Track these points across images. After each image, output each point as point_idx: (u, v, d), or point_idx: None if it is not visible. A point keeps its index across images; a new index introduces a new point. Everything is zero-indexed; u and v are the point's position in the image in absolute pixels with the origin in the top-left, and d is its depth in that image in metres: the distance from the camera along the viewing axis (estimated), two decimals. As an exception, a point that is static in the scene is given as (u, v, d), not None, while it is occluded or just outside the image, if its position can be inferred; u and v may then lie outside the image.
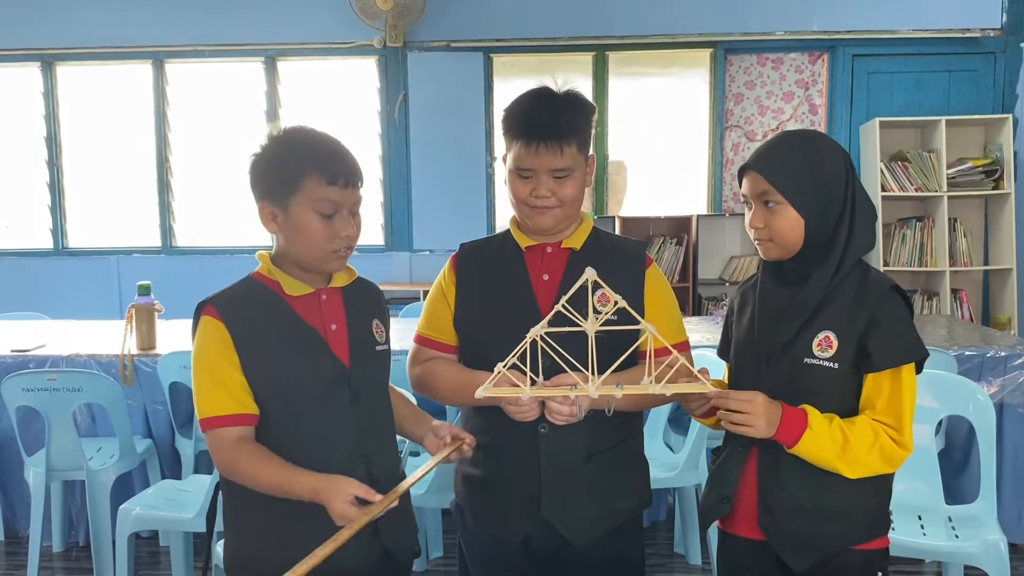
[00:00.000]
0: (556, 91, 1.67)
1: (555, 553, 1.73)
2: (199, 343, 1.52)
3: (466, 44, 5.69)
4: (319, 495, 1.40)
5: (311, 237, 1.51)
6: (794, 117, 5.77)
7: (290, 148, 1.52)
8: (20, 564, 3.27)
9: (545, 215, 1.67)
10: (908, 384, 1.52)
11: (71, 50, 5.86)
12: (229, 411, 1.49)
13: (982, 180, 5.26)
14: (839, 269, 1.54)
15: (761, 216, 1.57)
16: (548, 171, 1.63)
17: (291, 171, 1.49)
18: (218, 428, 1.49)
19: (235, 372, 1.49)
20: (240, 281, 1.59)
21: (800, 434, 1.49)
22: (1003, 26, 5.48)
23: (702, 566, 3.23)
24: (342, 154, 1.54)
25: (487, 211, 5.79)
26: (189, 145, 6.01)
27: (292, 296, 1.55)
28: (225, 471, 1.52)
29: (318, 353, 1.55)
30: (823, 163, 1.55)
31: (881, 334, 1.50)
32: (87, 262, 6.00)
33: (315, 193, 1.49)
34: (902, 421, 1.51)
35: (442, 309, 1.80)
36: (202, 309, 1.54)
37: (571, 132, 1.62)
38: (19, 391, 2.90)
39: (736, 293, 1.77)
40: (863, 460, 1.50)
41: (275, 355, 1.51)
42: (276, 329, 1.53)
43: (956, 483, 3.16)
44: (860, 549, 1.58)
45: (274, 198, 1.51)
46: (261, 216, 1.54)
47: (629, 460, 1.78)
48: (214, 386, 1.49)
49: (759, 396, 1.50)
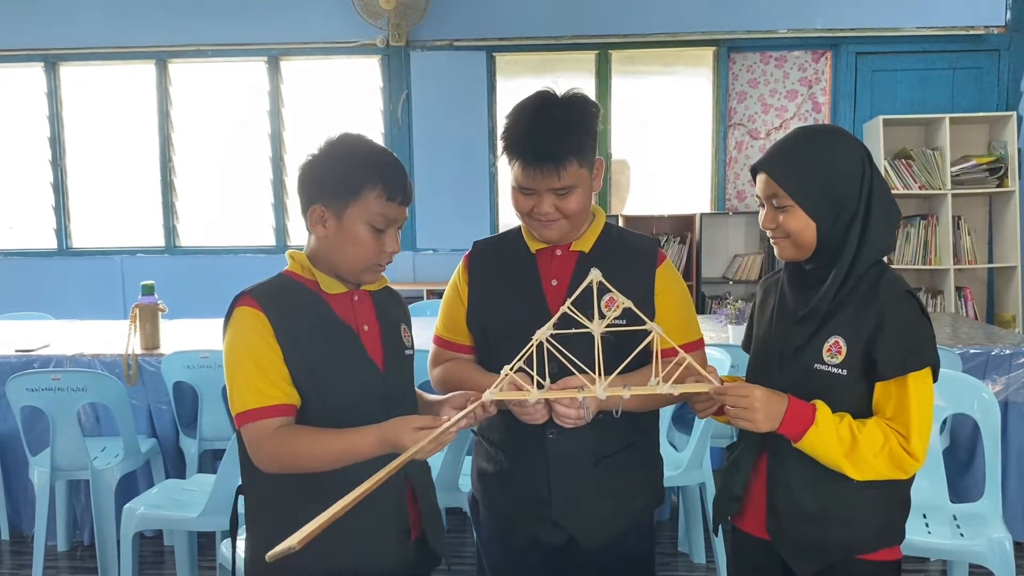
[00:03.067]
0: (557, 98, 1.63)
1: (566, 549, 1.73)
2: (238, 333, 1.49)
3: (469, 43, 5.68)
4: (386, 440, 1.39)
5: (359, 247, 1.51)
6: (797, 115, 5.76)
7: (355, 157, 1.52)
8: (25, 564, 3.28)
9: (550, 228, 1.66)
10: (917, 392, 1.46)
11: (74, 50, 5.87)
12: (272, 401, 1.45)
13: (986, 178, 5.25)
14: (851, 271, 1.49)
15: (773, 217, 1.55)
16: (549, 190, 1.61)
17: (354, 181, 1.49)
18: (260, 420, 1.44)
19: (279, 361, 1.47)
20: (273, 277, 1.57)
21: (805, 430, 1.45)
22: (1007, 23, 5.47)
23: (706, 564, 3.22)
24: (402, 171, 1.54)
25: (490, 210, 5.78)
26: (192, 145, 6.01)
27: (329, 294, 1.55)
28: (272, 462, 1.46)
29: (355, 352, 1.55)
30: (835, 162, 1.50)
31: (886, 340, 1.45)
32: (91, 262, 6.01)
33: (373, 206, 1.49)
34: (910, 429, 1.45)
35: (457, 309, 1.81)
36: (238, 300, 1.51)
37: (570, 152, 1.58)
38: (23, 391, 2.90)
39: (760, 287, 1.74)
40: (870, 462, 1.45)
41: (314, 350, 1.49)
42: (315, 324, 1.51)
43: (961, 481, 3.16)
44: (870, 560, 1.54)
45: (330, 203, 1.50)
46: (310, 218, 1.52)
47: (640, 460, 1.77)
48: (258, 375, 1.45)
49: (756, 390, 1.45)
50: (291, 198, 5.94)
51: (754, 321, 1.73)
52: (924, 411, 1.47)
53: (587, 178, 1.64)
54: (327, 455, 1.43)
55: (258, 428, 1.44)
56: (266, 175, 5.93)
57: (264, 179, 5.93)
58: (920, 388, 1.47)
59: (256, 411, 1.44)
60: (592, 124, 1.65)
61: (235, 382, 1.47)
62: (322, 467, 1.44)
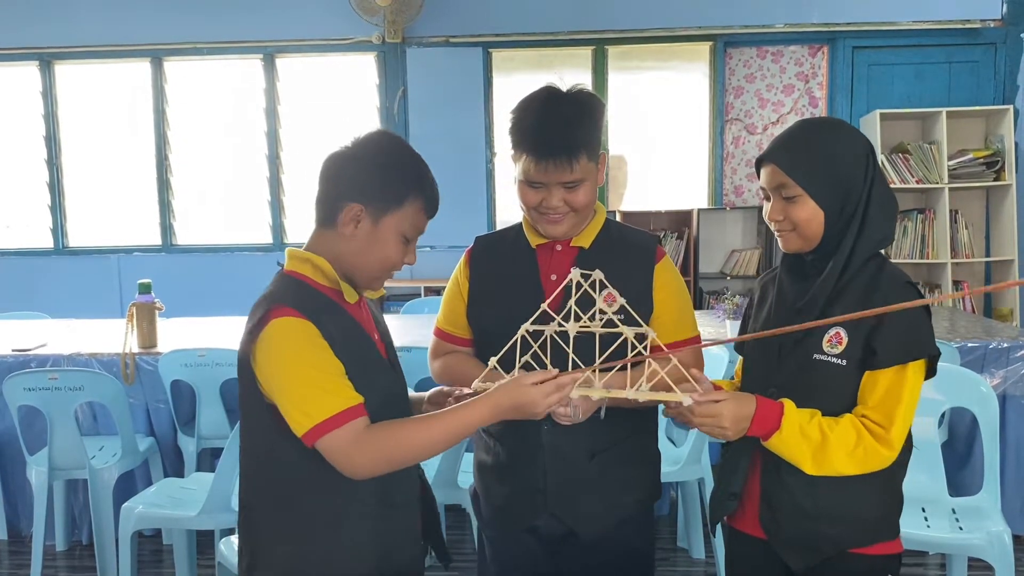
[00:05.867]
0: (564, 94, 1.63)
1: (564, 541, 1.74)
2: (288, 345, 1.37)
3: (465, 39, 5.68)
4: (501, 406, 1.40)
5: (385, 255, 1.48)
6: (794, 110, 5.75)
7: (402, 164, 1.48)
8: (24, 563, 3.27)
9: (558, 223, 1.67)
10: (912, 384, 1.46)
11: (69, 49, 5.85)
12: (351, 402, 1.37)
13: (983, 171, 5.26)
14: (850, 261, 1.50)
15: (780, 208, 1.54)
16: (559, 183, 1.61)
17: (400, 189, 1.46)
18: (345, 424, 1.36)
19: (341, 367, 1.40)
20: (288, 284, 1.46)
21: (771, 434, 1.46)
22: (1003, 16, 5.47)
23: (705, 560, 3.22)
24: (437, 186, 1.52)
25: (487, 206, 5.77)
26: (189, 143, 6.00)
27: (348, 303, 1.50)
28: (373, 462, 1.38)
29: (378, 359, 1.53)
30: (843, 153, 1.51)
31: (888, 329, 1.45)
32: (87, 261, 6.00)
33: (412, 218, 1.47)
34: (893, 419, 1.45)
35: (457, 303, 1.82)
36: (273, 312, 1.39)
37: (582, 145, 1.59)
38: (21, 390, 2.90)
39: (757, 285, 1.74)
40: (835, 464, 1.45)
41: (348, 359, 1.42)
42: (346, 333, 1.45)
43: (960, 475, 3.16)
44: (867, 554, 1.54)
45: (372, 205, 1.45)
46: (345, 215, 1.45)
47: (636, 456, 1.77)
48: (328, 381, 1.37)
49: (724, 406, 1.43)
50: (288, 196, 5.94)
51: (750, 319, 1.73)
52: (912, 403, 1.48)
53: (595, 172, 1.66)
54: (442, 436, 1.39)
55: (346, 433, 1.36)
56: (263, 173, 5.91)
57: (261, 177, 5.92)
58: (914, 379, 1.47)
59: (338, 416, 1.35)
60: (599, 119, 1.66)
61: (301, 395, 1.36)
62: (431, 454, 1.43)
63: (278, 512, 1.47)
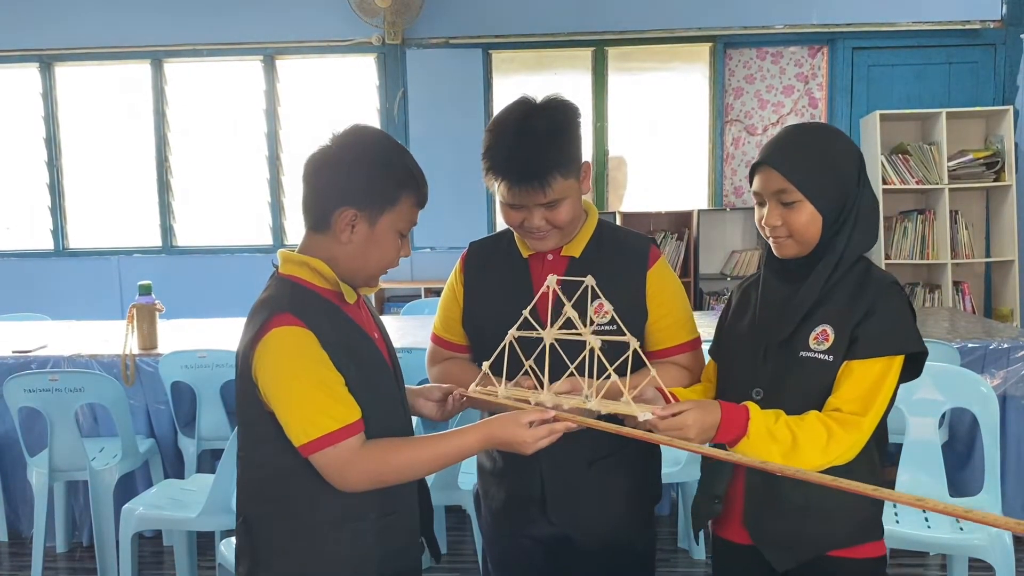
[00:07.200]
0: (536, 107, 1.60)
1: (564, 543, 1.74)
2: (288, 356, 1.37)
3: (465, 40, 5.68)
4: (494, 438, 1.40)
5: (384, 253, 1.47)
6: (794, 111, 5.76)
7: (393, 160, 1.46)
8: (24, 565, 3.27)
9: (544, 239, 1.67)
10: (890, 379, 1.46)
11: (69, 50, 5.85)
12: (348, 420, 1.37)
13: (983, 172, 5.25)
14: (838, 265, 1.51)
15: (778, 213, 1.53)
16: (537, 205, 1.60)
17: (393, 189, 1.44)
18: (341, 442, 1.36)
19: (339, 376, 1.39)
20: (286, 287, 1.45)
21: (738, 439, 1.44)
22: (1003, 17, 5.47)
23: (705, 561, 3.22)
24: (424, 174, 1.50)
25: (487, 208, 5.77)
26: (188, 144, 6.00)
27: (348, 305, 1.49)
28: (364, 480, 1.39)
29: (380, 361, 1.52)
30: (838, 158, 1.51)
31: (873, 323, 1.46)
32: (88, 262, 6.00)
33: (406, 213, 1.46)
34: (869, 409, 1.44)
35: (453, 309, 1.82)
36: (273, 319, 1.37)
37: (553, 167, 1.56)
38: (21, 392, 2.90)
39: (736, 290, 1.73)
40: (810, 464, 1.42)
41: (348, 364, 1.42)
42: (346, 336, 1.44)
43: (960, 475, 3.16)
44: (853, 558, 1.53)
45: (367, 208, 1.43)
46: (339, 220, 1.42)
47: (636, 461, 1.76)
48: (326, 396, 1.37)
49: (688, 417, 1.40)
50: (288, 197, 5.94)
51: (724, 323, 1.70)
52: (886, 398, 1.47)
53: (575, 187, 1.63)
54: (432, 461, 1.42)
55: (341, 451, 1.36)
56: (262, 174, 5.91)
57: (260, 178, 5.92)
58: (892, 375, 1.47)
59: (335, 434, 1.36)
60: (575, 131, 1.63)
61: (300, 409, 1.36)
62: (422, 475, 1.45)
63: (278, 518, 1.46)
